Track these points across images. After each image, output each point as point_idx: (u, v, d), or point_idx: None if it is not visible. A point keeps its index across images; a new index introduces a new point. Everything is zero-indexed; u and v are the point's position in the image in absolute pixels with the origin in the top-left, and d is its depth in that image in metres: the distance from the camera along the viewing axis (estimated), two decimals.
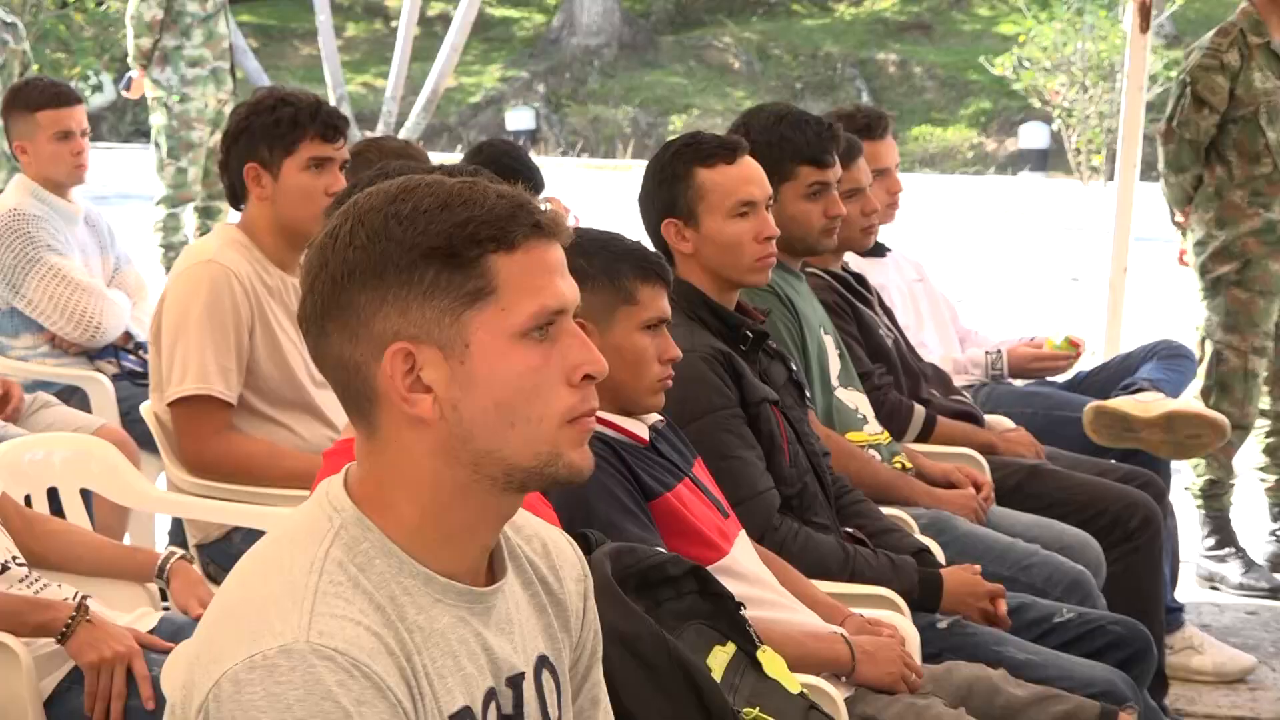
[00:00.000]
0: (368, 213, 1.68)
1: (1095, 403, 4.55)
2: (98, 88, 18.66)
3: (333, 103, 4.02)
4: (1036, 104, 21.60)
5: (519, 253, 1.67)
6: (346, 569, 1.66)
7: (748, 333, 3.39)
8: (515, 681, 1.76)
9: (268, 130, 3.70)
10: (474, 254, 1.66)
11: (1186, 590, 5.14)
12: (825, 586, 3.17)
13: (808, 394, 3.68)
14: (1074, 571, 3.66)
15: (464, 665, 1.70)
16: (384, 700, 1.59)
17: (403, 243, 1.65)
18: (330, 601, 1.63)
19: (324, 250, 1.69)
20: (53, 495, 3.57)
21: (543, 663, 1.81)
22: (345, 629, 1.61)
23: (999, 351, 4.87)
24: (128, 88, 9.06)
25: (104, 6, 18.91)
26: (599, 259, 2.80)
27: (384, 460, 1.71)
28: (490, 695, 1.73)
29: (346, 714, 1.56)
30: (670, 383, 2.88)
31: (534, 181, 4.72)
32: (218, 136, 8.05)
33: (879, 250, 4.72)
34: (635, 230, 3.09)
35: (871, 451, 3.88)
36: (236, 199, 3.83)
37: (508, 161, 4.53)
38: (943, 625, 3.28)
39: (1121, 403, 4.51)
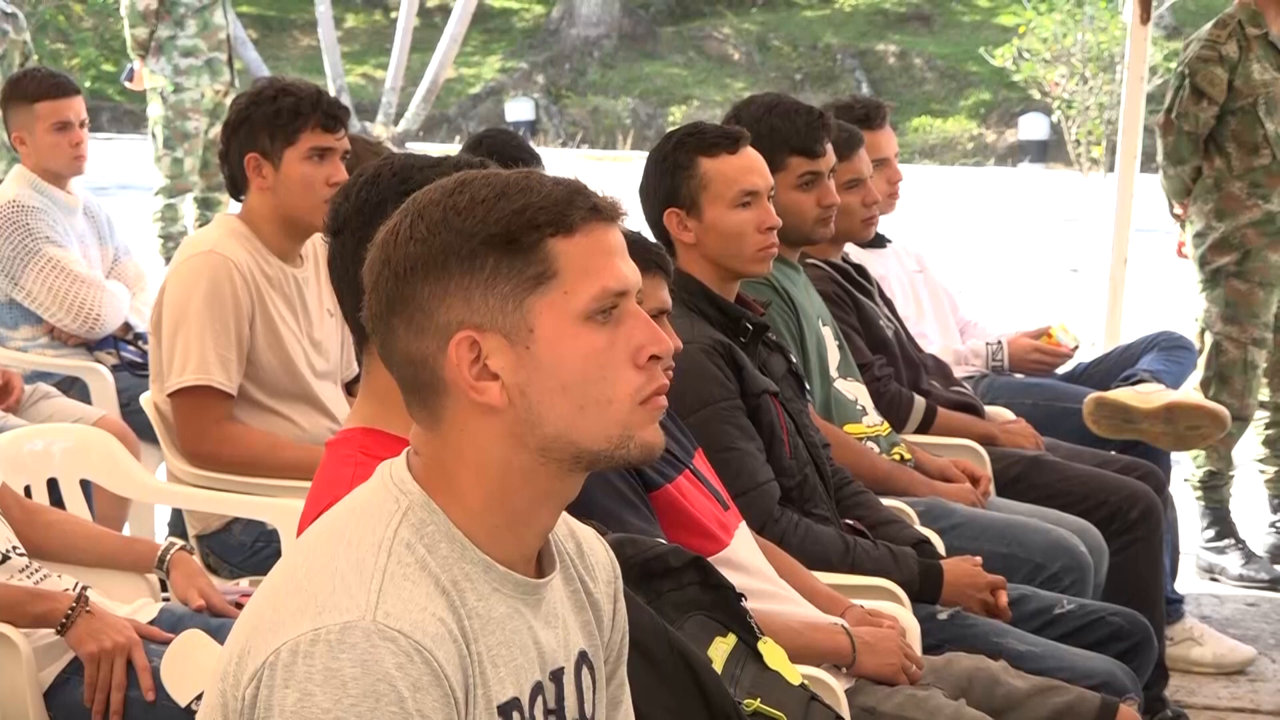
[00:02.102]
0: (426, 207, 1.70)
1: (1095, 394, 4.55)
2: None
3: (332, 94, 4.00)
4: (1036, 95, 21.63)
5: (578, 236, 1.68)
6: (414, 550, 1.67)
7: (748, 324, 3.39)
8: (557, 676, 1.76)
9: (268, 120, 3.69)
10: (532, 239, 1.67)
11: (1186, 582, 5.13)
12: (825, 578, 3.16)
13: (807, 386, 3.68)
14: (1071, 543, 3.67)
15: (516, 656, 1.70)
16: (439, 688, 1.60)
17: (462, 232, 1.67)
18: (398, 583, 1.63)
19: (385, 248, 1.70)
20: (52, 486, 3.57)
21: (583, 659, 1.81)
22: (411, 612, 1.61)
23: (999, 342, 4.87)
24: (129, 79, 9.04)
25: None
26: None
27: (448, 449, 1.71)
28: (538, 688, 1.73)
29: (401, 698, 1.57)
30: (671, 375, 2.87)
31: None
32: (217, 128, 8.04)
33: (879, 241, 4.72)
34: (636, 221, 3.08)
35: (870, 443, 3.88)
36: (237, 189, 3.82)
37: (510, 151, 4.50)
38: (943, 616, 3.28)
39: (1122, 394, 4.51)
